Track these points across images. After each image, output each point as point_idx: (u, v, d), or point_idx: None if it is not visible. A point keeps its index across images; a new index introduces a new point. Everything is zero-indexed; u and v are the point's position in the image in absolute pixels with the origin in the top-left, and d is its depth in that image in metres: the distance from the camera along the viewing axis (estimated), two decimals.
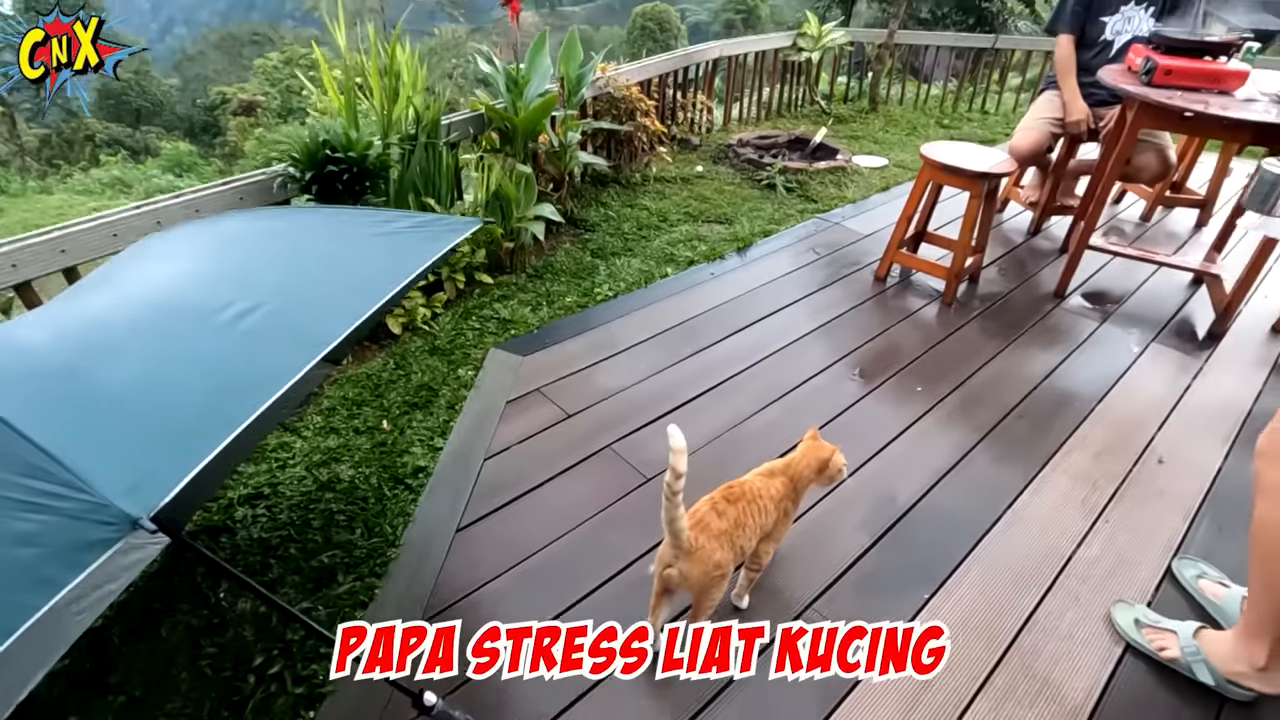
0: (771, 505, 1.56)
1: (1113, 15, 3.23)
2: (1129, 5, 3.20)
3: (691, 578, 1.45)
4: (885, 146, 5.21)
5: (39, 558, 0.65)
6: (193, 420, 0.79)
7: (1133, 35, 3.21)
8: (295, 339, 0.88)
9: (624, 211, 3.89)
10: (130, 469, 0.72)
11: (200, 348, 0.87)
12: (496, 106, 3.24)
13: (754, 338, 2.80)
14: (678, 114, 5.04)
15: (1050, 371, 2.64)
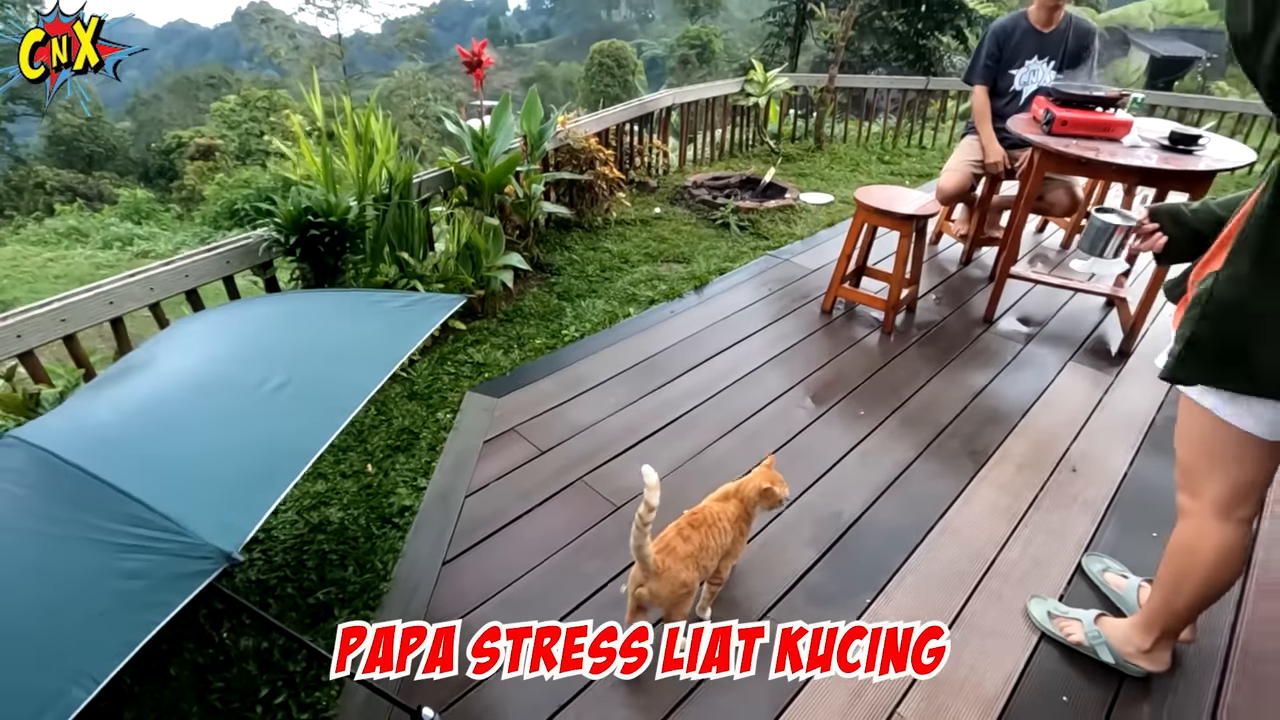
0: (729, 526, 1.78)
1: (1019, 68, 3.59)
2: (1033, 59, 3.57)
3: (660, 596, 1.66)
4: (831, 183, 5.55)
5: (148, 587, 0.81)
6: (257, 473, 0.97)
7: (1038, 85, 3.57)
8: (328, 406, 1.06)
9: (587, 255, 4.11)
10: (215, 514, 0.90)
11: (252, 415, 1.05)
12: (464, 165, 3.45)
13: (712, 371, 3.02)
14: (635, 159, 5.32)
15: (980, 391, 2.91)
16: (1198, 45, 19.89)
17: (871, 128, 7.00)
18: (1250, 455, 1.35)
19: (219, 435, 1.02)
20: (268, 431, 1.03)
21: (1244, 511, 1.42)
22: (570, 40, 67.83)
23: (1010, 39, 3.58)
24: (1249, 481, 1.39)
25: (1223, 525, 1.44)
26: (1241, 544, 1.45)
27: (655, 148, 5.50)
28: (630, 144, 5.25)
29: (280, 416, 1.04)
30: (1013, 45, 3.58)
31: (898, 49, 15.14)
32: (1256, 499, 1.41)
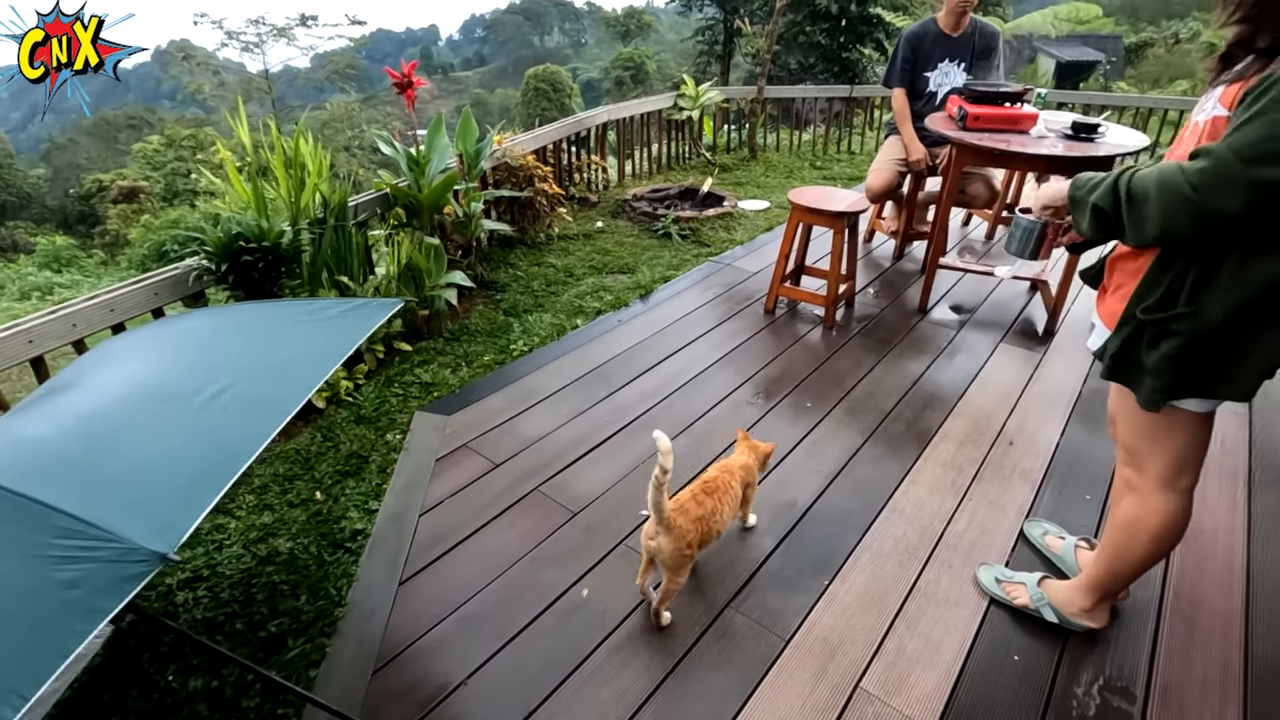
0: (739, 493, 1.98)
1: (933, 71, 3.80)
2: (944, 62, 3.77)
3: (665, 551, 1.78)
4: (766, 190, 5.69)
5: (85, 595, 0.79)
6: (194, 477, 0.95)
7: (951, 86, 3.77)
8: (266, 408, 1.05)
9: (532, 270, 4.11)
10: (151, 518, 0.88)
11: (189, 422, 1.03)
12: (400, 186, 3.43)
13: (661, 376, 3.05)
14: (575, 175, 5.36)
15: (919, 376, 3.01)
16: (1098, 50, 21.17)
17: (803, 136, 7.21)
18: (1189, 428, 1.43)
19: (153, 442, 1.00)
20: (204, 435, 1.01)
21: (1186, 481, 1.50)
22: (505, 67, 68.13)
23: (922, 44, 3.77)
24: (1190, 453, 1.46)
25: (1168, 496, 1.51)
26: (1185, 512, 1.52)
27: (594, 164, 5.56)
28: (569, 161, 5.30)
29: (217, 421, 1.02)
30: (925, 50, 3.77)
31: (823, 61, 15.69)
32: (1197, 467, 1.49)
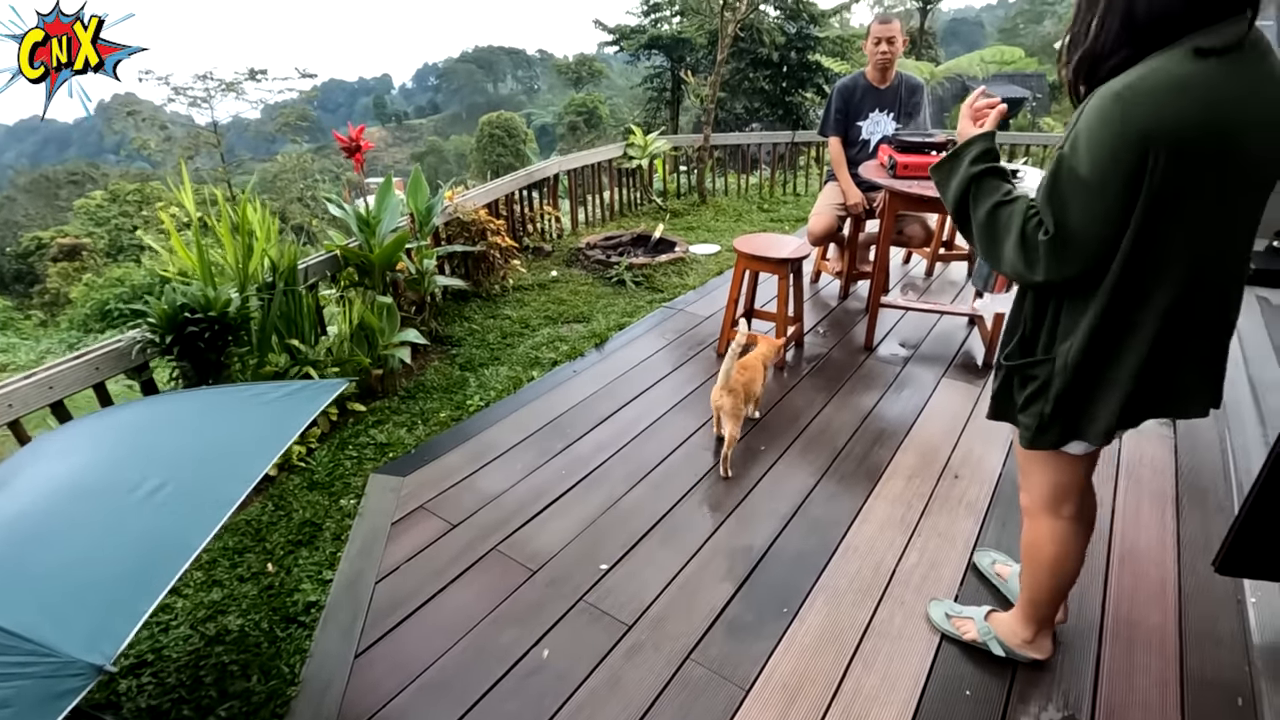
0: (762, 370, 2.89)
1: (864, 120, 4.03)
2: (875, 112, 4.01)
3: (726, 405, 2.67)
4: (717, 234, 5.84)
5: (17, 714, 0.77)
6: (132, 580, 0.93)
7: (882, 134, 3.99)
8: (207, 501, 1.04)
9: (487, 323, 4.14)
10: (86, 628, 0.86)
11: (124, 521, 1.02)
12: (351, 247, 3.45)
13: (619, 424, 3.08)
14: (528, 225, 5.43)
15: (868, 413, 3.10)
16: (1024, 87, 22.41)
17: (750, 180, 7.43)
18: (1061, 465, 1.55)
19: (89, 543, 0.98)
20: (143, 533, 1.00)
21: (1068, 510, 1.61)
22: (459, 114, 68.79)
23: (853, 96, 4.01)
24: (1066, 487, 1.59)
25: (1053, 522, 1.63)
26: (1072, 536, 1.64)
27: (547, 213, 5.65)
28: (522, 212, 5.38)
29: (156, 518, 1.01)
30: (856, 101, 4.01)
31: (767, 105, 16.33)
32: (1076, 498, 1.61)
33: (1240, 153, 1.17)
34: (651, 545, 2.37)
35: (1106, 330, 1.31)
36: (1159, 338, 1.30)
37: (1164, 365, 1.33)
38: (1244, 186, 1.21)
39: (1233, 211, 1.23)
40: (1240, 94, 1.15)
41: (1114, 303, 1.29)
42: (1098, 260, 1.26)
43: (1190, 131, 1.15)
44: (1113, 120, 1.17)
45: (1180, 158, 1.16)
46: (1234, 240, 1.27)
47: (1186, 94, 1.14)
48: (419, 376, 3.55)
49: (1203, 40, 1.14)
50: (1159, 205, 1.20)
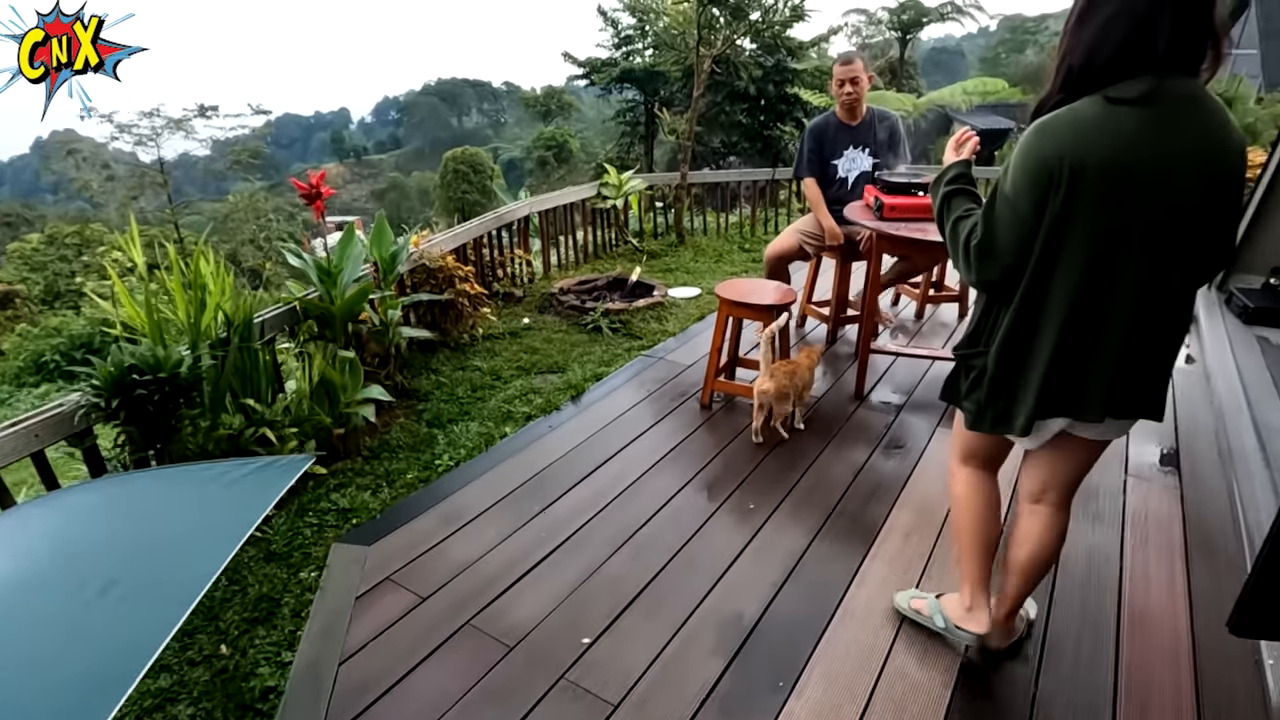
0: (807, 370, 3.39)
1: (839, 159, 4.22)
2: (850, 149, 4.21)
3: (770, 390, 3.21)
4: (697, 276, 5.94)
5: None
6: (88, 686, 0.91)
7: (860, 170, 4.18)
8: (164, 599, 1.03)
9: (456, 375, 4.15)
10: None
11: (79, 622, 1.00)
12: (311, 298, 3.46)
13: (598, 483, 3.08)
14: (498, 270, 5.49)
15: (861, 467, 3.14)
16: (1008, 118, 23.25)
17: (730, 218, 7.59)
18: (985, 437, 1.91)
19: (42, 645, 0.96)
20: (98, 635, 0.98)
21: (974, 463, 2.02)
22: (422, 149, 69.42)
23: (825, 135, 4.21)
24: (979, 448, 1.99)
25: (961, 468, 2.04)
26: (979, 480, 2.01)
27: (518, 257, 5.72)
28: (491, 256, 5.44)
29: (113, 618, 0.99)
30: (829, 140, 4.21)
31: (745, 139, 16.73)
32: (983, 459, 2.00)
33: (1136, 186, 1.47)
34: (636, 616, 2.36)
35: (1018, 330, 1.65)
36: (1060, 342, 1.60)
37: (1068, 369, 1.62)
38: (1146, 220, 1.49)
39: (1136, 242, 1.51)
40: (1140, 136, 1.46)
41: (1022, 305, 1.62)
42: (1013, 266, 1.60)
43: (1090, 161, 1.47)
44: (1030, 146, 1.54)
45: (1079, 182, 1.48)
46: (1147, 270, 1.53)
47: (1091, 131, 1.47)
48: (384, 435, 3.53)
49: (1114, 91, 1.47)
50: (1060, 223, 1.52)
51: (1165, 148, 1.46)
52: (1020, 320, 1.64)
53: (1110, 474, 3.05)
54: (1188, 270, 1.55)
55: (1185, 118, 1.47)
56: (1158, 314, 1.57)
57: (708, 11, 6.91)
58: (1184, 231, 1.51)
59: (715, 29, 7.13)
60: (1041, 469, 1.90)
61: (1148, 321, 1.57)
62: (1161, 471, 3.06)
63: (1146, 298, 1.55)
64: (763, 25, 7.25)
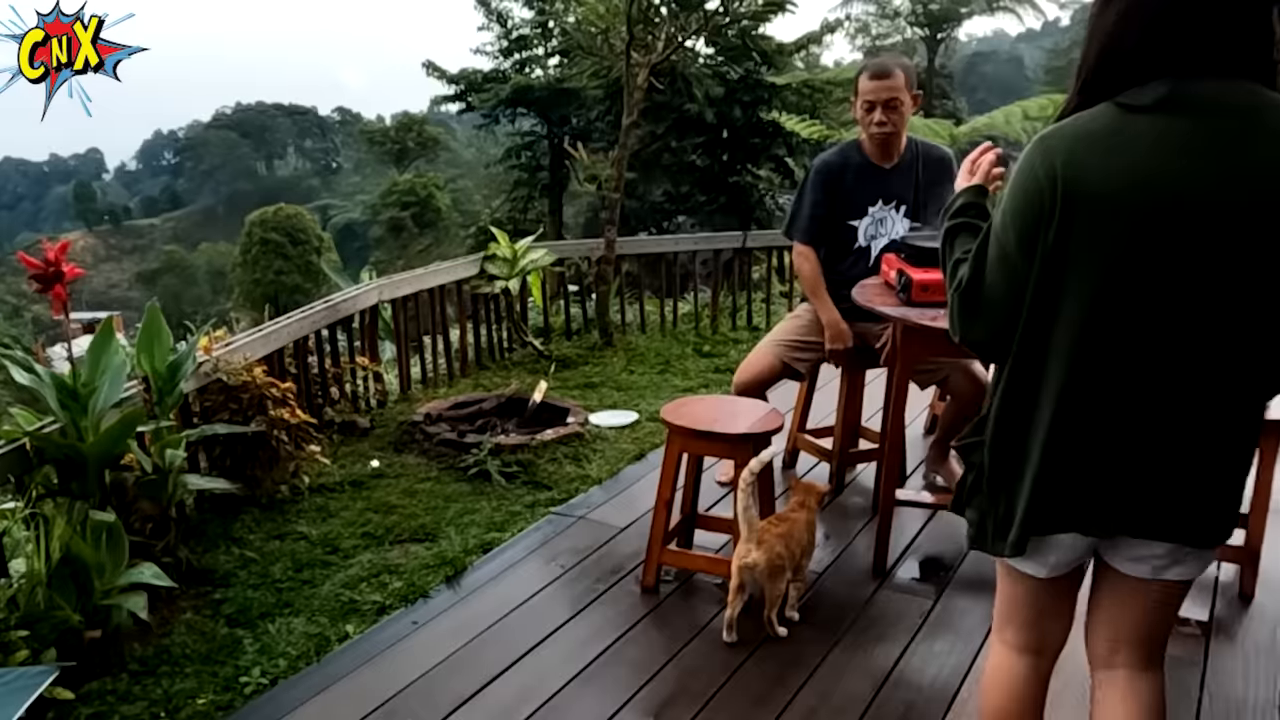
0: (805, 527, 3.42)
1: (861, 218, 4.23)
2: (877, 206, 4.21)
3: (760, 565, 3.19)
4: (632, 394, 6.05)
5: None
6: None
7: (889, 239, 4.21)
8: None
9: (271, 547, 4.11)
10: None
11: None
12: (49, 432, 3.45)
13: (488, 710, 3.06)
14: (332, 388, 5.51)
15: (886, 677, 3.20)
16: None
17: (681, 307, 7.73)
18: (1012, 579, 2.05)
19: None
20: None
21: (1009, 635, 2.12)
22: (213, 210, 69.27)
23: (841, 180, 4.19)
24: (1009, 608, 2.10)
25: (995, 642, 2.19)
26: (1010, 667, 2.11)
27: (362, 368, 5.75)
28: (322, 367, 5.45)
29: None
30: (846, 188, 4.18)
31: (700, 190, 16.89)
32: (1021, 625, 2.09)
33: (1150, 217, 1.62)
34: None
35: (1011, 408, 1.84)
36: (1056, 423, 1.76)
37: (1070, 462, 1.78)
38: (1167, 265, 1.63)
39: (1156, 293, 1.66)
40: (1159, 152, 1.61)
41: (1014, 375, 1.81)
42: (1003, 320, 1.78)
43: (1088, 182, 1.64)
44: (1026, 165, 1.72)
45: (1073, 209, 1.64)
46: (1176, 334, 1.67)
47: (1093, 146, 1.65)
48: (163, 638, 3.46)
49: (1128, 97, 1.64)
50: (1055, 264, 1.69)
51: (1195, 167, 1.60)
52: (1013, 395, 1.83)
53: (1260, 684, 3.15)
54: (1242, 343, 1.67)
55: (1232, 132, 1.60)
56: (1197, 406, 1.71)
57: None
58: (1228, 288, 1.63)
59: (654, 23, 7.13)
60: (1102, 621, 2.05)
61: (1182, 414, 1.71)
62: None
63: (1178, 372, 1.69)
64: (724, 18, 7.14)
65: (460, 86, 19.24)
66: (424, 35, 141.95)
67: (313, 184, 73.52)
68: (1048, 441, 1.77)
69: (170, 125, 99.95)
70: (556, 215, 18.71)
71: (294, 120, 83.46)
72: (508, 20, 17.97)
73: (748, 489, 3.19)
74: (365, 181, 59.97)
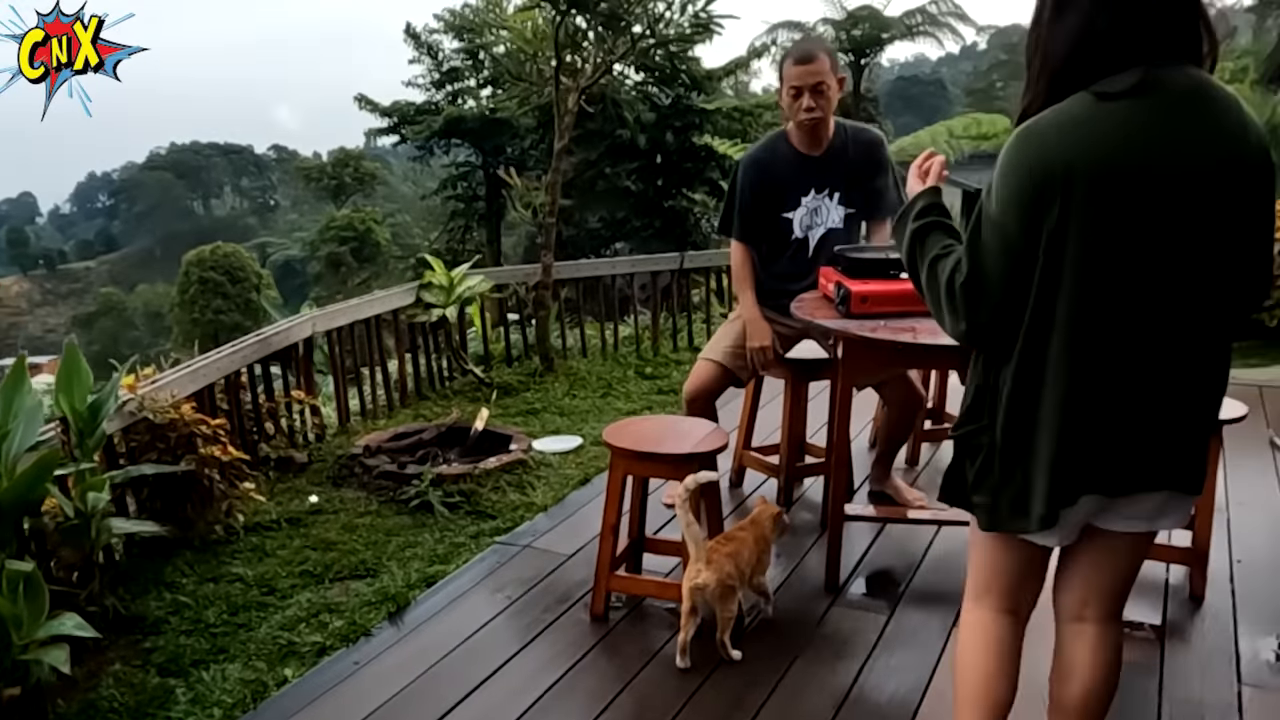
0: (753, 545, 3.35)
1: (795, 210, 4.17)
2: (809, 195, 4.14)
3: (710, 586, 3.12)
4: (575, 419, 6.02)
5: None
6: None
7: (828, 227, 4.16)
8: None
9: (204, 590, 3.98)
10: None
11: None
12: None
13: None
14: (267, 423, 5.41)
15: (847, 694, 3.14)
16: None
17: (621, 330, 7.78)
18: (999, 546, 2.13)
19: None
20: None
21: (992, 600, 2.20)
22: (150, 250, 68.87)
23: (770, 173, 4.15)
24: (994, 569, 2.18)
25: (975, 609, 2.24)
26: (996, 633, 2.20)
27: (298, 402, 5.66)
28: (256, 403, 5.36)
29: None
30: (777, 180, 4.14)
31: (637, 215, 17.17)
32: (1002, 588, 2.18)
33: (1138, 190, 1.78)
34: None
35: (1022, 386, 1.91)
36: (1070, 395, 1.87)
37: (1085, 430, 1.89)
38: (1155, 232, 1.79)
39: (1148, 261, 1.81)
40: (1139, 132, 1.78)
41: (1025, 355, 1.90)
42: (1007, 304, 1.88)
43: (1082, 165, 1.77)
44: (1013, 154, 1.87)
45: (1072, 192, 1.78)
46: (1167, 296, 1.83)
47: (1080, 130, 1.80)
48: (89, 691, 3.34)
49: (1103, 85, 1.79)
50: (1057, 245, 1.81)
51: (1169, 143, 1.78)
52: (1024, 374, 1.91)
53: (1217, 685, 3.14)
54: (1215, 296, 1.84)
55: (1191, 108, 1.80)
56: (1186, 354, 1.87)
57: (569, 23, 6.85)
58: (1203, 243, 1.81)
59: (581, 48, 7.22)
60: (1076, 577, 2.17)
61: (1175, 363, 1.86)
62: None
63: (1170, 331, 1.85)
64: (650, 40, 7.25)
65: (393, 119, 19.28)
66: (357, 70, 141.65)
67: (250, 222, 73.35)
68: (1064, 411, 1.87)
69: (104, 167, 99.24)
70: (495, 244, 18.81)
71: (229, 159, 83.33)
72: (438, 53, 18.11)
73: (684, 506, 3.16)
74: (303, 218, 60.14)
